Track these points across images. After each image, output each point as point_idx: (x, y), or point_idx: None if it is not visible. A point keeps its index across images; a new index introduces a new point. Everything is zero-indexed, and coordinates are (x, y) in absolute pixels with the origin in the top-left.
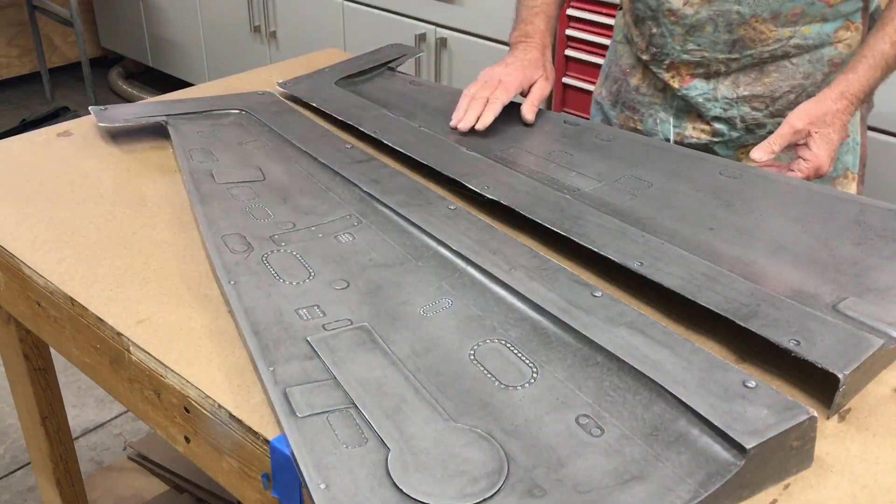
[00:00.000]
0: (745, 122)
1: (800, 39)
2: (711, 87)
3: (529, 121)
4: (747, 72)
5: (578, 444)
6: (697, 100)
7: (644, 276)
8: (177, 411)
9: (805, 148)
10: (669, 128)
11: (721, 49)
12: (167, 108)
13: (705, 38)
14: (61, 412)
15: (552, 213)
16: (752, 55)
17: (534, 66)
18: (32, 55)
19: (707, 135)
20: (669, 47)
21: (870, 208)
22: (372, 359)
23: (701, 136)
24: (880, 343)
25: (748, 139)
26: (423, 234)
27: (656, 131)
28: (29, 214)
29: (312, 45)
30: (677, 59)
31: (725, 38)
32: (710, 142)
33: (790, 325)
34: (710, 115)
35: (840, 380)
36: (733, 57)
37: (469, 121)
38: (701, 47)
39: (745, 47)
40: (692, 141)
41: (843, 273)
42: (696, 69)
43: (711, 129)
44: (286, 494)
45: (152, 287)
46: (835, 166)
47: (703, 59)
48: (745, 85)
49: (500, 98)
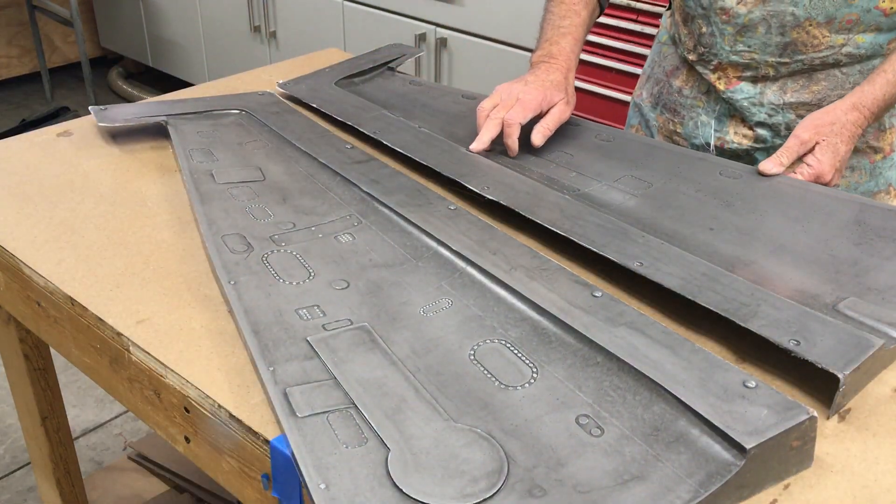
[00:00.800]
0: (789, 129)
1: (852, 48)
2: (758, 92)
3: (536, 145)
4: (796, 78)
5: (578, 444)
6: (742, 103)
7: (644, 277)
8: (177, 411)
9: (810, 155)
10: (710, 131)
11: (772, 52)
12: (167, 108)
13: (756, 40)
14: (61, 412)
15: (552, 214)
16: (803, 60)
17: (555, 88)
18: (32, 55)
19: (749, 140)
20: (718, 47)
21: (870, 208)
22: (372, 359)
23: (743, 141)
24: (880, 343)
25: None
26: (423, 234)
27: (696, 135)
28: (29, 214)
29: (312, 45)
30: (725, 59)
31: (777, 40)
32: (752, 147)
33: (790, 325)
34: (755, 120)
35: (840, 380)
36: (783, 61)
37: (483, 143)
38: (751, 49)
39: (796, 51)
40: (733, 146)
41: (843, 273)
42: (744, 72)
43: (754, 135)
44: (286, 494)
45: (152, 287)
46: (877, 181)
47: (753, 61)
48: (792, 91)
49: (516, 119)
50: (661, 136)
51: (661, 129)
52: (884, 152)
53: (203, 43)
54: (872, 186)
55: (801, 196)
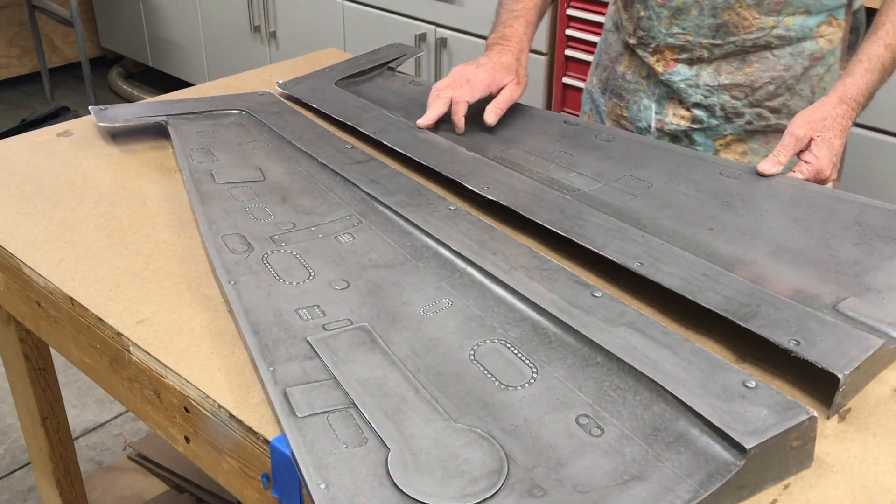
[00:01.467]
0: (724, 110)
1: (782, 30)
2: (694, 74)
3: (489, 123)
4: (730, 60)
5: (578, 444)
6: (679, 85)
7: (644, 277)
8: (177, 411)
9: (807, 152)
10: (651, 114)
11: (705, 34)
12: (167, 108)
13: (690, 22)
14: (61, 412)
15: (552, 214)
16: (735, 42)
17: (505, 70)
18: (32, 55)
19: (686, 121)
20: (655, 30)
21: (870, 208)
22: (372, 359)
23: (681, 122)
24: (880, 343)
25: (726, 128)
26: (423, 234)
27: (640, 118)
28: (29, 214)
29: (312, 45)
30: (662, 42)
31: (710, 22)
32: (690, 128)
33: (790, 325)
34: (691, 101)
35: (840, 380)
36: (717, 42)
37: (430, 119)
38: (685, 31)
39: (728, 33)
40: (672, 127)
41: (843, 273)
42: (681, 54)
43: (691, 116)
44: (286, 494)
45: (152, 287)
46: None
47: (688, 43)
48: (726, 73)
49: (464, 98)
50: (610, 121)
51: (609, 114)
52: None
53: (203, 43)
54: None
55: (801, 196)
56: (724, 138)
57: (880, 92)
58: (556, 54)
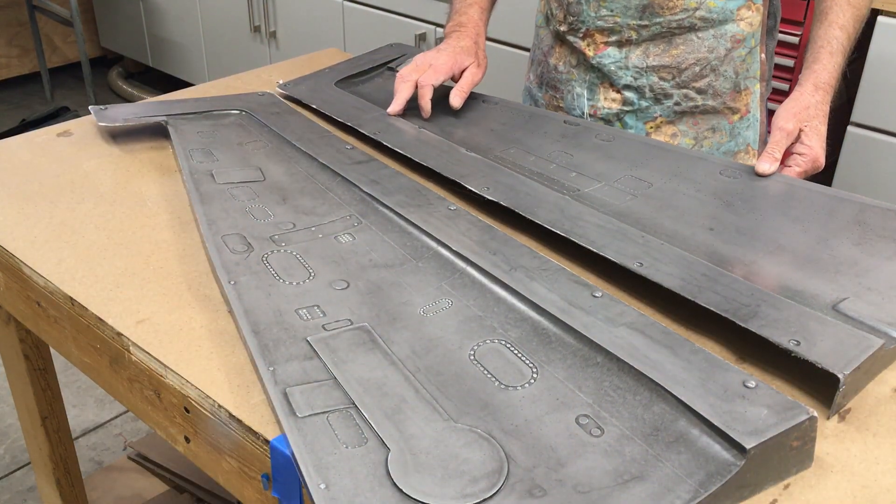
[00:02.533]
0: (653, 91)
1: (705, 12)
2: (623, 56)
3: (455, 107)
4: (657, 42)
5: (578, 444)
6: (610, 68)
7: (644, 277)
8: (177, 411)
9: (799, 144)
10: (584, 101)
11: (632, 15)
12: (167, 108)
13: (617, 4)
14: (61, 412)
15: (552, 214)
16: (661, 23)
17: (465, 53)
18: (32, 55)
19: (618, 104)
20: (585, 14)
21: (870, 208)
22: (372, 359)
23: (612, 105)
24: (880, 343)
25: (656, 110)
26: (423, 234)
27: (574, 106)
28: (29, 214)
29: (312, 45)
30: (592, 26)
31: (636, 2)
32: (621, 111)
33: (790, 326)
34: (621, 83)
35: (840, 380)
36: (643, 24)
37: (398, 104)
38: (613, 12)
39: (654, 14)
40: (605, 112)
41: (842, 273)
42: (610, 36)
43: (622, 98)
44: (286, 494)
45: (152, 287)
46: (736, 141)
47: (616, 24)
48: (654, 55)
49: (429, 81)
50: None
51: (547, 107)
52: (741, 112)
53: (203, 43)
54: (733, 146)
55: (802, 196)
56: (655, 120)
57: (881, 92)
58: None
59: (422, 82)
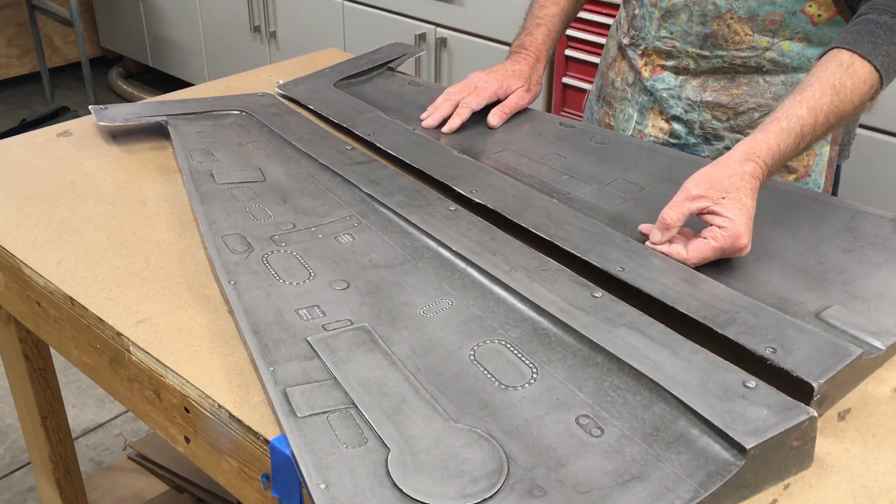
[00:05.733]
0: (703, 129)
1: (776, 54)
2: (678, 84)
3: (492, 125)
4: (717, 77)
5: (578, 444)
6: (662, 94)
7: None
8: (177, 411)
9: (716, 216)
10: (633, 124)
11: (692, 42)
12: (167, 108)
13: (678, 27)
14: (61, 412)
15: (538, 218)
16: (724, 57)
17: (515, 77)
18: (32, 55)
19: (665, 134)
20: (646, 31)
21: (861, 215)
22: (372, 359)
23: (659, 134)
24: (858, 352)
25: (704, 149)
26: (423, 234)
27: (625, 127)
28: (29, 214)
29: (312, 45)
30: (651, 45)
31: (698, 29)
32: (667, 142)
33: (768, 333)
34: (671, 112)
35: (815, 388)
36: (703, 54)
37: (434, 120)
38: (673, 35)
39: (716, 46)
40: (651, 139)
41: (829, 281)
42: (668, 60)
43: (669, 129)
44: (286, 494)
45: (152, 287)
46: None
47: (674, 49)
48: (711, 90)
49: (469, 104)
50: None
51: (600, 123)
52: (797, 174)
53: (203, 43)
54: None
55: (793, 202)
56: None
57: (881, 92)
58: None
59: (463, 103)
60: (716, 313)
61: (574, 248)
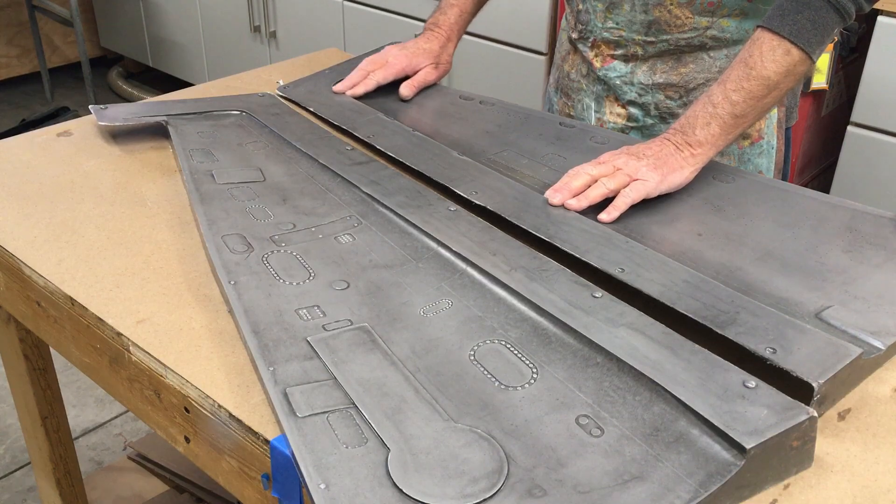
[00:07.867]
0: (658, 109)
1: (717, 31)
2: (629, 71)
3: (404, 96)
4: (665, 59)
5: (578, 444)
6: (615, 82)
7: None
8: (177, 411)
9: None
10: (592, 113)
11: (637, 30)
12: (167, 108)
13: (623, 17)
14: (61, 412)
15: (537, 219)
16: (668, 41)
17: (424, 55)
18: (32, 55)
19: (623, 119)
20: (592, 24)
21: (861, 214)
22: (372, 359)
23: (618, 120)
24: (858, 352)
25: (662, 128)
26: (423, 235)
27: (584, 116)
28: (29, 214)
29: (312, 45)
30: (599, 37)
31: (641, 18)
32: (626, 126)
33: (768, 333)
34: (626, 98)
35: (815, 388)
36: (649, 40)
37: (343, 86)
38: (619, 26)
39: (661, 31)
40: (611, 126)
41: (829, 281)
42: (616, 49)
43: (626, 114)
44: (286, 494)
45: (152, 287)
46: (745, 167)
47: (622, 38)
48: (661, 72)
49: (376, 77)
50: None
51: (560, 113)
52: (752, 138)
53: (203, 43)
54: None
55: (793, 201)
56: None
57: (881, 92)
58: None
59: (371, 75)
60: (716, 314)
61: (574, 250)
